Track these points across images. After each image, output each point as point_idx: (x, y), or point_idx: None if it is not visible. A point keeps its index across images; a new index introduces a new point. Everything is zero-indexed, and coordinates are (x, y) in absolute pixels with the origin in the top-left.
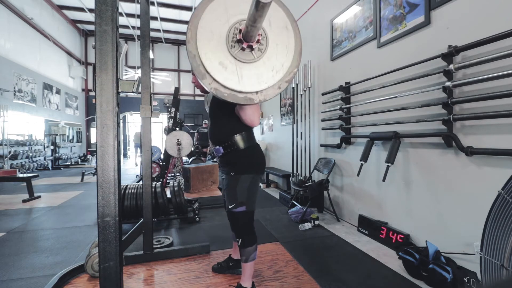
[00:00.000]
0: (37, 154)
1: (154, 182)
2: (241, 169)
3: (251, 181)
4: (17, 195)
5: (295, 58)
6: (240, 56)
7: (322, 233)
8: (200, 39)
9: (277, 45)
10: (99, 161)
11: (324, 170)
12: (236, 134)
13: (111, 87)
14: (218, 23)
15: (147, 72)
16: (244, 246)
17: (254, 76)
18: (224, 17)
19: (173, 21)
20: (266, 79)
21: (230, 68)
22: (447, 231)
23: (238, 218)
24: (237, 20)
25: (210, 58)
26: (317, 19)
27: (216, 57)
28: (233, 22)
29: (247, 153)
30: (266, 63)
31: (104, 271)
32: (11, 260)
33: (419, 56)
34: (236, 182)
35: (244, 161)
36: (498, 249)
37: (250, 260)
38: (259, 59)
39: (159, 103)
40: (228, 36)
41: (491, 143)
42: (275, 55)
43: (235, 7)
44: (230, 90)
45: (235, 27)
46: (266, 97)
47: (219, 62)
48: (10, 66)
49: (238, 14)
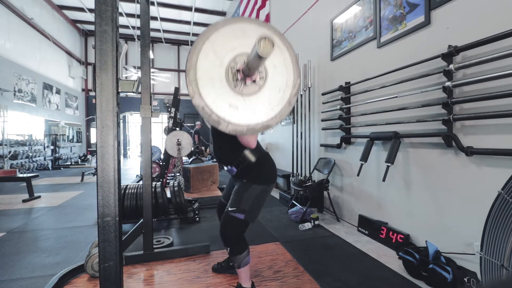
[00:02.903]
0: (37, 154)
1: (154, 182)
2: (254, 179)
3: (261, 191)
4: (17, 195)
5: (295, 70)
6: (246, 91)
7: (322, 233)
8: (203, 90)
9: (275, 66)
10: (99, 161)
11: (324, 170)
12: (245, 149)
13: (111, 87)
14: (214, 68)
15: (147, 72)
16: (233, 254)
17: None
18: (217, 61)
19: (173, 21)
20: (277, 102)
21: (241, 106)
22: (447, 231)
23: (232, 223)
24: (230, 59)
25: (219, 104)
26: (317, 19)
27: (224, 101)
28: (227, 62)
29: (259, 165)
30: (271, 87)
31: (104, 271)
32: (11, 260)
33: (419, 56)
34: (246, 188)
35: (256, 172)
36: (498, 249)
37: (243, 266)
38: (263, 87)
39: (159, 103)
40: (227, 76)
41: (491, 143)
42: (277, 76)
43: (223, 47)
44: (247, 126)
45: (231, 66)
46: (282, 117)
47: (229, 105)
48: (10, 66)
49: (229, 52)
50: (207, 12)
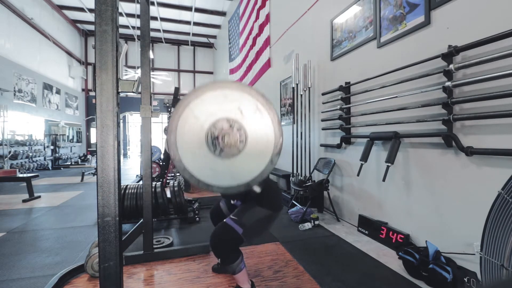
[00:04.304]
0: (37, 154)
1: (154, 182)
2: (260, 203)
3: (265, 215)
4: (17, 195)
5: (276, 130)
6: (226, 154)
7: (322, 233)
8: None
9: (256, 130)
10: (99, 161)
11: (324, 170)
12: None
13: (111, 87)
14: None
15: (147, 72)
16: (226, 264)
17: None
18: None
19: (173, 21)
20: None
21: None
22: (447, 231)
23: (227, 234)
24: (210, 124)
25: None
26: (317, 19)
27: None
28: (207, 127)
29: (265, 194)
30: (252, 149)
31: (104, 271)
32: (11, 260)
33: (419, 56)
34: (251, 207)
35: (261, 199)
36: (498, 249)
37: (238, 272)
38: (244, 149)
39: (159, 103)
40: (207, 141)
41: (491, 143)
42: (257, 139)
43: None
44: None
45: (211, 131)
46: (264, 175)
47: (209, 168)
48: (10, 66)
49: (209, 117)
50: (207, 12)
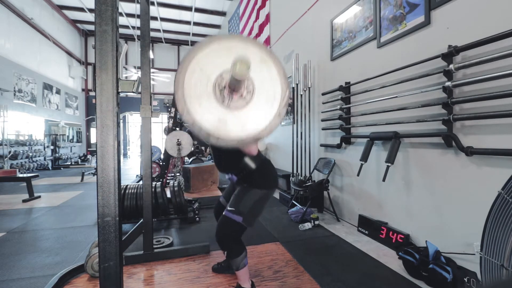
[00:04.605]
0: (37, 154)
1: (154, 182)
2: (254, 183)
3: (261, 196)
4: (17, 195)
5: (283, 82)
6: (234, 105)
7: (322, 233)
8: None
9: (262, 81)
10: (99, 161)
11: (324, 170)
12: (245, 157)
13: (111, 87)
14: (201, 86)
15: (147, 72)
16: (231, 257)
17: (254, 117)
18: (204, 78)
19: (173, 21)
20: (266, 114)
21: (230, 121)
22: (447, 231)
23: (229, 226)
24: (216, 76)
25: (208, 120)
26: (317, 19)
27: (213, 117)
28: (214, 79)
29: (260, 171)
30: (260, 101)
31: (104, 271)
32: (11, 260)
33: (419, 56)
34: (246, 192)
35: (257, 177)
36: (498, 249)
37: (241, 268)
38: (251, 101)
39: (159, 103)
40: (215, 92)
41: (491, 143)
42: (264, 90)
43: (210, 65)
44: (237, 139)
45: (218, 82)
46: (272, 129)
47: (218, 120)
48: (10, 66)
49: (215, 69)
50: (207, 12)
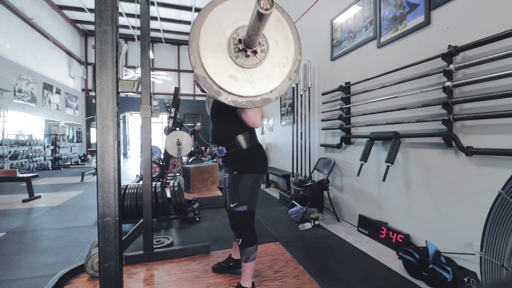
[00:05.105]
0: (37, 154)
1: (154, 182)
2: (244, 168)
3: (253, 180)
4: (17, 195)
5: (296, 46)
6: (247, 63)
7: (322, 233)
8: (205, 60)
9: (277, 42)
10: (99, 161)
11: (324, 170)
12: (238, 134)
13: (111, 87)
14: (216, 39)
15: (147, 72)
16: (244, 246)
17: (265, 77)
18: (220, 32)
19: (173, 21)
20: (277, 76)
21: (241, 77)
22: (447, 231)
23: (239, 217)
24: (232, 31)
25: (220, 75)
26: (317, 19)
27: (225, 72)
28: (229, 34)
29: (250, 153)
30: (272, 61)
31: (104, 271)
32: (11, 260)
33: (419, 56)
34: (238, 181)
35: (247, 161)
36: (498, 249)
37: (250, 260)
38: (264, 60)
39: (159, 103)
40: (229, 48)
41: (491, 143)
42: (278, 51)
43: (227, 19)
44: (247, 98)
45: (233, 37)
46: (281, 92)
47: (230, 76)
48: (10, 66)
49: (232, 25)
50: None
